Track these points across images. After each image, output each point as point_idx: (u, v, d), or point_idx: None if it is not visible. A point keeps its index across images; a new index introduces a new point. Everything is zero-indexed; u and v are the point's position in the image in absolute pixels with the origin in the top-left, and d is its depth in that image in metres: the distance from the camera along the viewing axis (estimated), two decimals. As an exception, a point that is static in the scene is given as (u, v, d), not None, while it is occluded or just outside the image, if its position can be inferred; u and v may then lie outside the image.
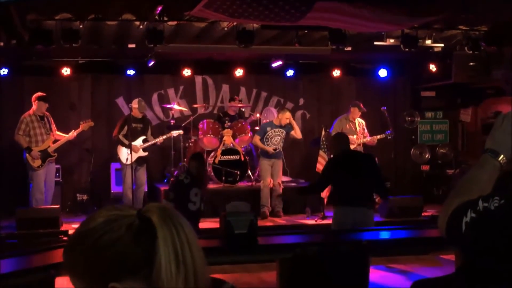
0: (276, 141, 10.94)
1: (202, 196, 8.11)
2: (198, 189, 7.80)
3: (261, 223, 9.19)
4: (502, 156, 1.99)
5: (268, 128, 10.92)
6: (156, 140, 10.70)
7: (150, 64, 11.53)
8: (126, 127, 10.44)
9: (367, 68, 13.44)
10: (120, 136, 10.48)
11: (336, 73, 13.21)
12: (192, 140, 11.79)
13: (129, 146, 10.17)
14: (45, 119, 10.30)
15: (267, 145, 10.85)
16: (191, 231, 1.38)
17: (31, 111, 10.20)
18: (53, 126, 10.46)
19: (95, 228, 1.36)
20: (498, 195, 1.82)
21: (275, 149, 10.82)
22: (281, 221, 10.57)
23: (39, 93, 10.25)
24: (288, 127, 11.10)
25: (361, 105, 11.44)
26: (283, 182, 11.18)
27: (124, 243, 1.33)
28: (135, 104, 10.58)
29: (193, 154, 8.84)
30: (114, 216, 1.37)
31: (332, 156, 7.38)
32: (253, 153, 12.12)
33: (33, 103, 10.19)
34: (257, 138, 11.02)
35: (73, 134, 10.46)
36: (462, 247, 1.92)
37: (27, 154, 10.04)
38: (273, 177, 10.89)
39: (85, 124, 10.58)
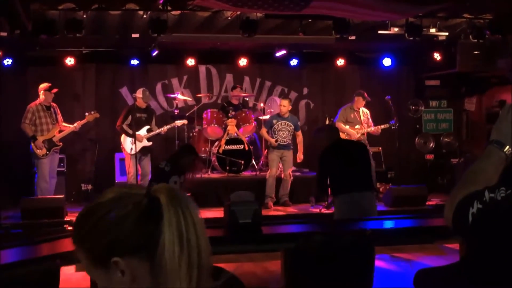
0: (283, 134, 10.90)
1: (183, 184, 8.02)
2: (178, 177, 7.76)
3: (264, 213, 9.20)
4: (507, 147, 1.98)
5: (274, 121, 10.92)
6: (160, 130, 10.70)
7: (154, 54, 11.52)
8: (130, 117, 10.44)
9: (371, 57, 13.40)
10: (124, 126, 10.48)
11: (340, 62, 13.18)
12: (196, 129, 11.79)
13: (133, 136, 10.17)
14: (52, 109, 10.34)
15: (274, 137, 10.85)
16: (198, 214, 1.41)
17: (37, 101, 10.24)
18: (60, 117, 10.50)
19: (104, 203, 1.42)
20: (505, 185, 1.82)
21: (276, 141, 10.80)
22: (289, 209, 10.60)
23: (45, 84, 10.27)
24: (294, 119, 11.08)
25: (365, 94, 11.42)
26: (287, 171, 11.19)
27: (130, 220, 1.38)
28: (139, 94, 10.58)
29: (185, 146, 8.73)
30: (124, 193, 1.43)
31: (325, 148, 7.33)
32: (257, 143, 12.13)
33: (39, 93, 10.23)
34: (264, 130, 11.07)
35: (78, 124, 10.49)
36: (469, 238, 1.92)
37: (32, 143, 10.08)
38: (284, 168, 10.91)
39: (91, 115, 10.61)
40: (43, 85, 10.27)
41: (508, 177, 1.93)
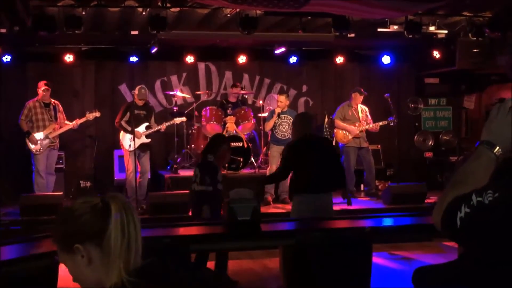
0: (284, 128, 10.92)
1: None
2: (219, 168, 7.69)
3: (264, 209, 9.21)
4: (497, 148, 1.96)
5: (274, 115, 10.91)
6: (159, 127, 10.69)
7: (153, 51, 11.51)
8: (128, 114, 10.43)
9: (371, 54, 13.40)
10: (122, 123, 10.48)
11: (340, 59, 13.18)
12: (195, 127, 11.79)
13: (131, 132, 10.16)
14: (51, 106, 10.34)
15: (275, 132, 10.84)
16: (136, 216, 1.97)
17: (36, 98, 10.25)
18: (62, 115, 10.52)
19: (73, 206, 2.00)
20: (492, 188, 1.81)
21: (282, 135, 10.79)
22: (289, 206, 10.57)
23: (44, 81, 10.29)
24: (292, 113, 11.10)
25: (362, 89, 11.40)
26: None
27: (87, 216, 1.94)
28: (136, 91, 10.60)
29: (218, 136, 8.51)
30: (86, 199, 2.00)
31: (292, 141, 7.22)
32: (256, 140, 12.12)
33: (38, 90, 10.24)
34: (267, 124, 11.03)
35: (76, 122, 10.49)
36: (458, 242, 1.91)
37: (26, 139, 10.10)
38: None
39: (91, 114, 10.59)
40: (42, 82, 10.29)
41: (495, 180, 1.91)
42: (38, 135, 10.16)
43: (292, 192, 7.11)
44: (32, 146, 10.11)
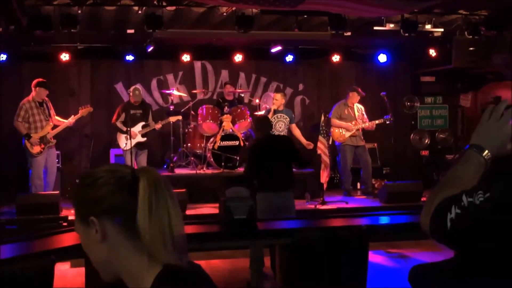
0: (280, 127, 10.97)
1: None
2: None
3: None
4: (486, 151, 1.96)
5: (270, 114, 10.91)
6: (154, 126, 10.68)
7: (149, 50, 11.50)
8: (123, 114, 10.42)
9: (367, 53, 13.41)
10: (118, 123, 10.46)
11: (336, 58, 13.18)
12: (192, 125, 11.78)
13: (126, 133, 10.15)
14: (44, 105, 10.25)
15: (271, 131, 10.83)
16: (171, 192, 1.71)
17: (30, 97, 10.15)
18: (52, 112, 10.42)
19: (96, 171, 1.75)
20: (482, 189, 1.80)
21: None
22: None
23: (39, 79, 10.19)
24: (288, 112, 11.14)
25: (359, 90, 11.43)
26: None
27: (110, 187, 1.69)
28: (131, 92, 10.58)
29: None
30: (114, 168, 1.76)
31: (253, 141, 7.51)
32: (253, 139, 12.11)
33: (33, 89, 10.14)
34: None
35: (72, 120, 10.44)
36: (448, 243, 1.91)
37: (26, 141, 10.02)
38: None
39: (84, 109, 10.53)
40: (36, 81, 10.19)
41: (485, 181, 1.91)
42: (38, 136, 10.08)
43: (256, 190, 7.31)
44: (32, 148, 10.05)
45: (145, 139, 10.64)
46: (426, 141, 13.32)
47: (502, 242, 1.76)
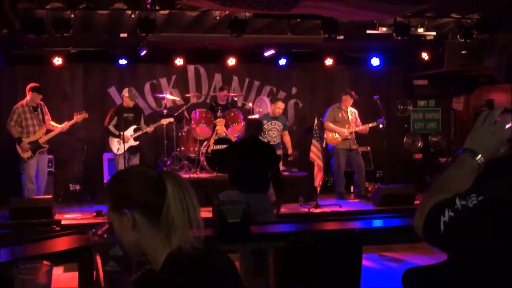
0: (273, 134, 11.01)
1: None
2: None
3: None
4: (480, 156, 1.97)
5: (265, 121, 10.93)
6: (146, 129, 10.66)
7: (142, 54, 11.49)
8: (116, 118, 10.40)
9: (360, 56, 13.43)
10: (110, 127, 10.44)
11: (329, 62, 13.20)
12: (185, 129, 11.78)
13: (118, 136, 10.13)
14: (39, 109, 10.24)
15: (264, 138, 10.84)
16: (192, 191, 2.16)
17: (24, 101, 10.15)
18: (47, 117, 10.41)
19: (129, 171, 2.27)
20: (475, 192, 1.81)
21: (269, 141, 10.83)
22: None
23: (33, 84, 10.18)
24: (283, 119, 11.17)
25: (353, 93, 11.47)
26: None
27: (140, 186, 2.12)
28: (125, 93, 10.54)
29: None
30: (145, 169, 2.20)
31: (238, 139, 7.61)
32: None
33: (27, 93, 10.14)
34: None
35: (66, 125, 10.41)
36: (441, 246, 1.91)
37: (17, 145, 10.01)
38: None
39: (79, 116, 10.51)
40: (30, 85, 10.19)
41: (478, 184, 1.92)
42: (29, 141, 10.07)
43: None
44: (23, 153, 10.03)
45: (137, 142, 10.63)
46: (419, 144, 13.36)
47: (495, 245, 1.76)
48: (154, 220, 2.10)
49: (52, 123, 10.44)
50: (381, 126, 11.43)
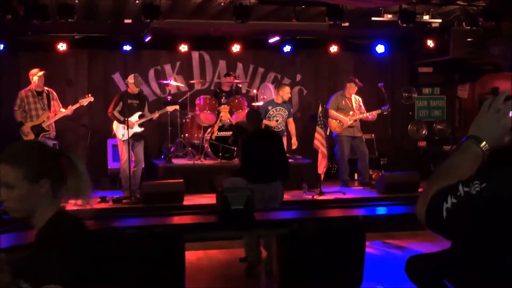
0: (277, 120, 10.97)
1: None
2: None
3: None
4: (484, 143, 1.96)
5: (270, 107, 10.91)
6: (151, 116, 10.65)
7: (147, 40, 11.47)
8: (121, 103, 10.40)
9: (365, 43, 13.38)
10: (115, 112, 10.44)
11: (334, 48, 13.16)
12: (189, 116, 11.77)
13: (123, 122, 10.13)
14: (44, 94, 10.29)
15: (271, 121, 10.84)
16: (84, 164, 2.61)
17: (28, 87, 10.22)
18: (56, 103, 10.48)
19: (45, 146, 2.58)
20: (479, 179, 1.80)
21: (276, 127, 10.83)
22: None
23: (36, 69, 10.23)
24: (288, 106, 11.14)
25: (357, 80, 11.44)
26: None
27: (55, 161, 2.50)
28: (131, 79, 10.51)
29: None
30: (45, 145, 2.60)
31: (246, 135, 7.73)
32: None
33: (30, 78, 10.19)
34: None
35: (70, 109, 10.44)
36: (443, 233, 1.91)
37: (19, 129, 10.09)
38: None
39: (84, 99, 10.53)
40: (34, 71, 10.24)
41: (482, 171, 1.91)
42: (31, 125, 10.11)
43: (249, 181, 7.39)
44: (24, 137, 10.07)
45: (142, 129, 10.61)
46: (424, 132, 13.33)
47: (498, 232, 1.76)
48: (57, 189, 2.46)
49: (62, 110, 10.48)
50: (385, 113, 11.42)
